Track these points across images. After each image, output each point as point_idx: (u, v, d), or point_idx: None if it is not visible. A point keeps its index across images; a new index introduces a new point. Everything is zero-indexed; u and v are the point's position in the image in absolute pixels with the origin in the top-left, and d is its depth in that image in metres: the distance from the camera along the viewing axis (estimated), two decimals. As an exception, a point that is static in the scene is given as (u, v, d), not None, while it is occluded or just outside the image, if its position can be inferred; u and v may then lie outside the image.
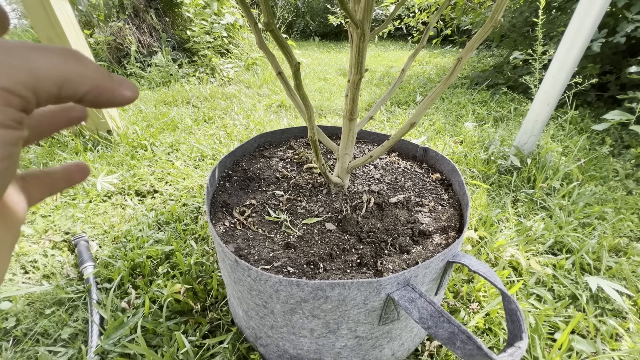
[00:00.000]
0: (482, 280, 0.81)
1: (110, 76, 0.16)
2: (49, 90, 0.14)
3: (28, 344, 0.67)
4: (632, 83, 1.73)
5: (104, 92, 0.16)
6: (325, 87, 2.60)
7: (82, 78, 0.15)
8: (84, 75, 0.15)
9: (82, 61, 0.15)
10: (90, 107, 0.16)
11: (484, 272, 0.48)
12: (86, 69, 0.15)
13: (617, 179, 1.29)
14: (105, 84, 0.16)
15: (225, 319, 0.71)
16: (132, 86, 0.17)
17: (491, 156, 1.36)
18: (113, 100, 0.16)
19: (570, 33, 1.09)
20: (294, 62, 0.45)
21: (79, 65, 0.14)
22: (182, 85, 2.34)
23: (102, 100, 0.16)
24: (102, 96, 0.16)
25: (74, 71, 0.14)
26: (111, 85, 0.16)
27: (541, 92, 1.22)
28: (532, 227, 1.00)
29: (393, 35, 5.63)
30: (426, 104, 0.54)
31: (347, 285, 0.43)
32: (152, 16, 2.60)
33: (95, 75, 0.15)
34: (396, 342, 0.57)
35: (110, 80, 0.16)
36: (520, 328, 0.42)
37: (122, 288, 0.79)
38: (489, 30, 0.45)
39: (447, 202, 0.69)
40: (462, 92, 2.40)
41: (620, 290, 0.76)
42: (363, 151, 0.89)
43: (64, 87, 0.14)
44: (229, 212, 0.64)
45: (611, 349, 0.69)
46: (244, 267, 0.46)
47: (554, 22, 2.05)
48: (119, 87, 0.16)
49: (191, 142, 1.49)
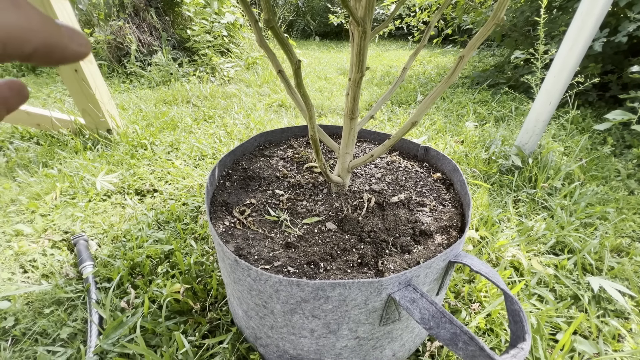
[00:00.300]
0: (483, 281, 0.81)
1: (58, 28, 0.14)
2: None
3: (27, 344, 0.67)
4: (633, 83, 1.73)
5: (54, 49, 0.14)
6: (326, 87, 2.60)
7: (27, 33, 0.13)
8: (28, 29, 0.13)
9: (24, 10, 0.13)
10: (39, 65, 0.15)
11: (486, 273, 0.47)
12: (30, 21, 0.13)
13: (619, 178, 1.29)
14: (54, 39, 0.14)
15: (224, 319, 0.71)
16: (83, 39, 0.15)
17: (492, 156, 1.35)
18: (64, 57, 0.15)
19: (572, 32, 1.09)
20: (294, 59, 0.44)
21: (21, 17, 0.13)
22: (182, 84, 2.33)
23: (53, 58, 0.14)
24: (53, 53, 0.14)
25: (17, 25, 0.12)
26: (61, 41, 0.14)
27: (543, 91, 1.21)
28: (534, 227, 0.99)
29: (394, 34, 5.63)
30: (427, 102, 0.54)
31: (347, 285, 0.42)
32: (152, 15, 2.60)
33: (43, 29, 0.13)
34: (397, 343, 0.57)
35: (60, 34, 0.14)
36: (523, 329, 0.42)
37: (122, 288, 0.79)
38: (492, 28, 0.45)
39: (449, 202, 0.68)
40: (463, 91, 2.39)
41: (623, 290, 0.76)
42: (364, 150, 0.88)
43: (8, 44, 0.12)
44: (228, 211, 0.63)
45: (613, 349, 0.68)
46: (244, 267, 0.45)
47: (555, 21, 2.05)
48: (70, 42, 0.15)
49: (191, 142, 1.48)
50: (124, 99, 2.06)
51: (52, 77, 2.64)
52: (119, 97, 2.11)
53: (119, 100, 2.02)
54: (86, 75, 1.33)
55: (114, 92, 2.23)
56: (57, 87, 2.38)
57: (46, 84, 2.45)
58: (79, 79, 1.33)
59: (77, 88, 1.35)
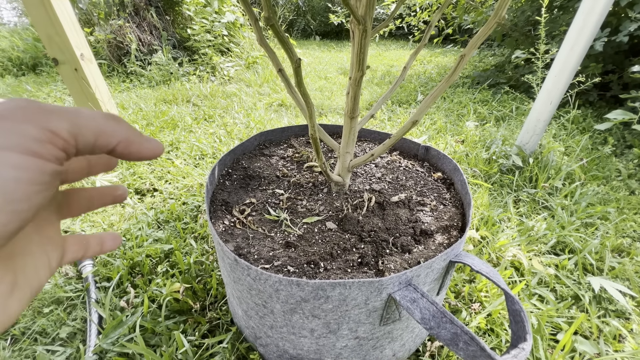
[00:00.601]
0: (483, 280, 0.80)
1: (139, 133, 0.19)
2: (87, 139, 0.17)
3: (26, 343, 0.67)
4: (634, 82, 1.72)
5: (132, 145, 0.18)
6: (326, 86, 2.60)
7: (115, 131, 0.18)
8: (116, 129, 0.18)
9: (117, 120, 0.18)
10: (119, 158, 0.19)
11: (487, 272, 0.47)
12: (119, 126, 0.18)
13: (620, 178, 1.29)
14: (134, 138, 0.18)
15: (224, 319, 0.70)
16: (157, 142, 0.20)
17: (493, 155, 1.35)
18: (140, 152, 0.19)
19: (573, 32, 1.08)
20: (294, 58, 0.44)
21: (114, 123, 0.18)
22: (183, 83, 2.33)
23: (131, 151, 0.18)
24: (131, 148, 0.18)
25: (109, 126, 0.17)
26: (139, 140, 0.19)
27: (544, 91, 1.21)
28: (534, 227, 0.99)
29: (394, 34, 5.62)
30: (428, 102, 0.54)
31: (348, 285, 0.42)
32: (152, 14, 2.60)
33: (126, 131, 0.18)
34: (397, 343, 0.56)
35: (139, 135, 0.19)
36: (524, 329, 0.41)
37: (121, 287, 0.79)
38: (493, 27, 0.45)
39: (449, 202, 0.68)
40: (463, 91, 2.39)
41: (624, 290, 0.76)
42: (364, 150, 0.88)
43: (99, 138, 0.17)
44: (228, 210, 0.63)
45: (614, 350, 0.68)
46: (244, 266, 0.45)
47: (556, 21, 2.04)
48: (146, 142, 0.19)
49: (191, 141, 1.48)
50: (124, 98, 2.06)
51: (52, 76, 2.64)
52: (119, 96, 2.11)
53: (119, 99, 2.02)
54: (86, 74, 1.32)
55: (114, 91, 2.23)
56: (57, 86, 2.38)
57: (46, 83, 2.45)
58: (79, 78, 1.33)
59: (77, 87, 1.35)
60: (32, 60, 2.82)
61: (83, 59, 1.29)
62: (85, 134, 0.16)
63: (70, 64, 1.27)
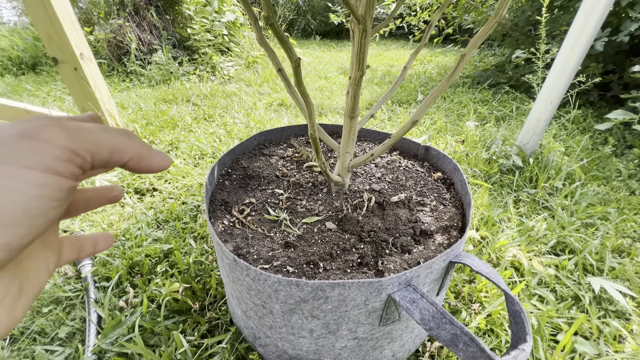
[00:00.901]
0: (483, 281, 0.80)
1: (150, 148, 0.20)
2: (102, 156, 0.18)
3: (25, 343, 0.67)
4: (635, 82, 1.72)
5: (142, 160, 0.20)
6: (326, 86, 2.59)
7: (128, 148, 0.19)
8: (129, 145, 0.19)
9: (131, 136, 0.19)
10: (131, 171, 0.20)
11: (487, 273, 0.47)
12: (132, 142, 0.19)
13: (620, 179, 1.28)
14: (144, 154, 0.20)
15: (224, 319, 0.70)
16: (166, 157, 0.21)
17: (493, 155, 1.35)
18: (149, 167, 0.20)
19: (573, 32, 1.08)
20: (294, 57, 0.44)
21: (127, 139, 0.19)
22: (182, 83, 2.33)
23: (141, 165, 0.20)
24: (141, 162, 0.20)
25: (123, 142, 0.19)
26: (149, 155, 0.20)
27: (544, 91, 1.21)
28: (534, 227, 0.99)
29: (394, 34, 5.62)
30: (428, 101, 0.53)
31: (347, 285, 0.42)
32: (152, 14, 2.59)
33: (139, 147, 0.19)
34: (397, 343, 0.56)
35: (149, 151, 0.20)
36: (524, 330, 0.41)
37: (120, 287, 0.78)
38: (493, 27, 0.44)
39: (449, 202, 0.68)
40: (463, 91, 2.39)
41: (624, 291, 0.76)
42: (364, 150, 0.88)
43: (113, 154, 0.18)
44: (228, 210, 0.63)
45: (614, 350, 0.68)
46: (243, 267, 0.45)
47: (556, 21, 2.04)
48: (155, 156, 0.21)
49: (191, 140, 1.48)
50: (124, 97, 2.05)
51: (52, 75, 2.64)
52: (118, 95, 2.11)
53: (119, 99, 2.02)
54: (86, 73, 1.32)
55: (113, 90, 2.23)
56: (56, 85, 2.38)
57: (46, 83, 2.44)
58: (79, 77, 1.32)
59: (76, 86, 1.34)
60: (32, 60, 2.82)
61: (83, 58, 1.28)
62: (101, 152, 0.18)
63: (70, 63, 1.27)
